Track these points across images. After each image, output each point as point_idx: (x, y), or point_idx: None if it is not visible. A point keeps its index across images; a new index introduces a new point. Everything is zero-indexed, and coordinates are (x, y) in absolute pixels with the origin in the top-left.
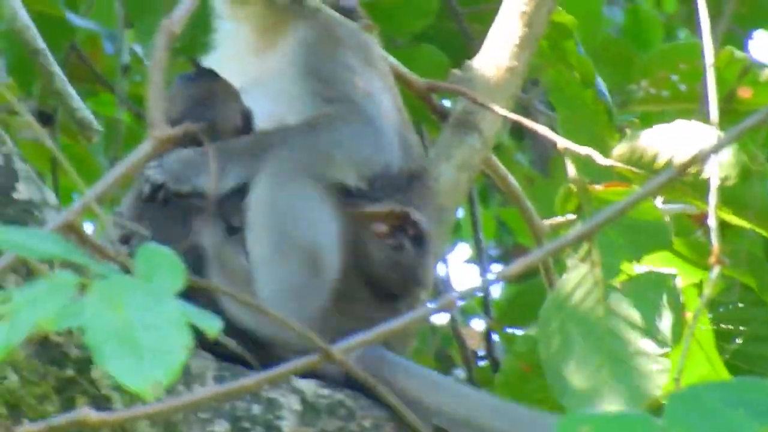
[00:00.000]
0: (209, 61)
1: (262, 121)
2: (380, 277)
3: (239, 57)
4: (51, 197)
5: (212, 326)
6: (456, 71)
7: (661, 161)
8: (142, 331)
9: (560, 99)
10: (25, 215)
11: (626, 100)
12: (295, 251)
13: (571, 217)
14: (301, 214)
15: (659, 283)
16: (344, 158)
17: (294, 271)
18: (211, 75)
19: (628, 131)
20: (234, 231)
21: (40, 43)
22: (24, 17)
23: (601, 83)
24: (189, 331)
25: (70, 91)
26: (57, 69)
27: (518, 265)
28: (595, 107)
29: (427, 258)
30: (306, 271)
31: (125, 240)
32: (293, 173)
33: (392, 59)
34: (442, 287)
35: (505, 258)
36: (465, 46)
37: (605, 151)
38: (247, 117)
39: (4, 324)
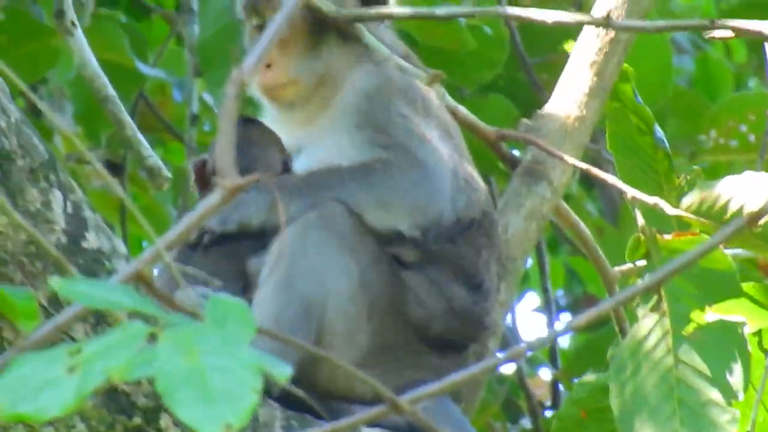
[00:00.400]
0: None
1: (314, 166)
2: (440, 326)
3: (290, 124)
4: (120, 246)
5: (283, 373)
6: (525, 120)
7: (731, 212)
8: (214, 375)
9: (618, 146)
10: (95, 264)
11: (696, 150)
12: (295, 295)
13: (642, 263)
14: (313, 262)
15: (728, 332)
16: (399, 205)
17: (287, 312)
18: (252, 122)
19: (686, 179)
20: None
21: (110, 91)
22: (94, 65)
23: (659, 130)
24: (260, 376)
25: (141, 138)
26: (127, 117)
27: (587, 315)
28: (653, 154)
29: (488, 302)
30: (299, 316)
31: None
32: (322, 222)
33: (462, 108)
34: (509, 336)
35: (574, 307)
36: (533, 96)
37: (665, 199)
38: (287, 165)
39: (75, 375)
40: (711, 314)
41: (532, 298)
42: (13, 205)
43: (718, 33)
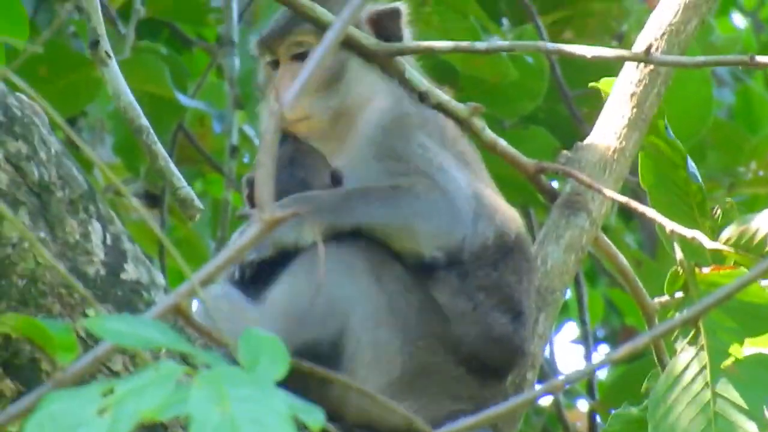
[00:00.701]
0: None
1: None
2: (479, 352)
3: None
4: (159, 278)
5: (316, 419)
6: (566, 152)
7: None
8: (247, 426)
9: (651, 181)
10: (134, 296)
11: (735, 182)
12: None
13: (681, 295)
14: (336, 283)
15: (765, 366)
16: (422, 227)
17: (303, 298)
18: (294, 138)
19: (720, 212)
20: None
21: (144, 121)
22: (128, 95)
23: (692, 165)
24: (293, 426)
25: (173, 169)
26: (160, 147)
27: (625, 348)
28: (686, 189)
29: (525, 328)
30: (321, 314)
31: None
32: (344, 248)
33: (502, 141)
34: (547, 368)
35: (612, 339)
36: (574, 128)
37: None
38: (336, 176)
39: (106, 417)
40: (749, 348)
41: (571, 329)
42: (52, 236)
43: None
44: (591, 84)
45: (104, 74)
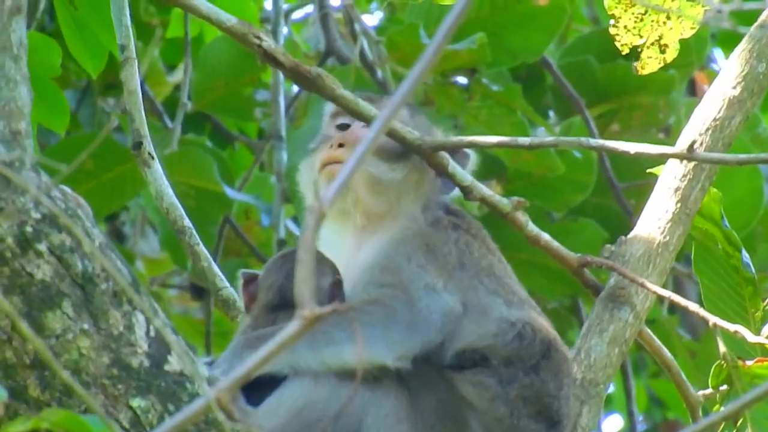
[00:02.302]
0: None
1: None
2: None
3: (339, 251)
4: (203, 369)
5: None
6: (609, 246)
7: None
8: None
9: (703, 269)
10: (177, 387)
11: None
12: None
13: (724, 388)
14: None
15: None
16: (377, 338)
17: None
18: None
19: None
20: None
21: (186, 222)
22: (171, 196)
23: (746, 255)
24: None
25: (216, 270)
26: (203, 248)
27: None
28: (738, 279)
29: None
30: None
31: None
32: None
33: (545, 235)
34: None
35: None
36: (623, 220)
37: (749, 322)
38: (335, 286)
39: None
40: None
41: (613, 422)
42: (96, 327)
43: None
44: (648, 170)
45: (147, 175)
